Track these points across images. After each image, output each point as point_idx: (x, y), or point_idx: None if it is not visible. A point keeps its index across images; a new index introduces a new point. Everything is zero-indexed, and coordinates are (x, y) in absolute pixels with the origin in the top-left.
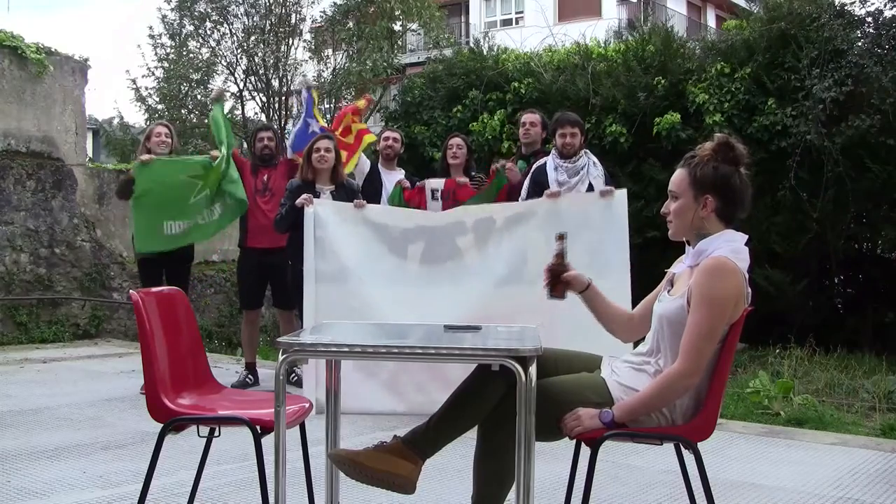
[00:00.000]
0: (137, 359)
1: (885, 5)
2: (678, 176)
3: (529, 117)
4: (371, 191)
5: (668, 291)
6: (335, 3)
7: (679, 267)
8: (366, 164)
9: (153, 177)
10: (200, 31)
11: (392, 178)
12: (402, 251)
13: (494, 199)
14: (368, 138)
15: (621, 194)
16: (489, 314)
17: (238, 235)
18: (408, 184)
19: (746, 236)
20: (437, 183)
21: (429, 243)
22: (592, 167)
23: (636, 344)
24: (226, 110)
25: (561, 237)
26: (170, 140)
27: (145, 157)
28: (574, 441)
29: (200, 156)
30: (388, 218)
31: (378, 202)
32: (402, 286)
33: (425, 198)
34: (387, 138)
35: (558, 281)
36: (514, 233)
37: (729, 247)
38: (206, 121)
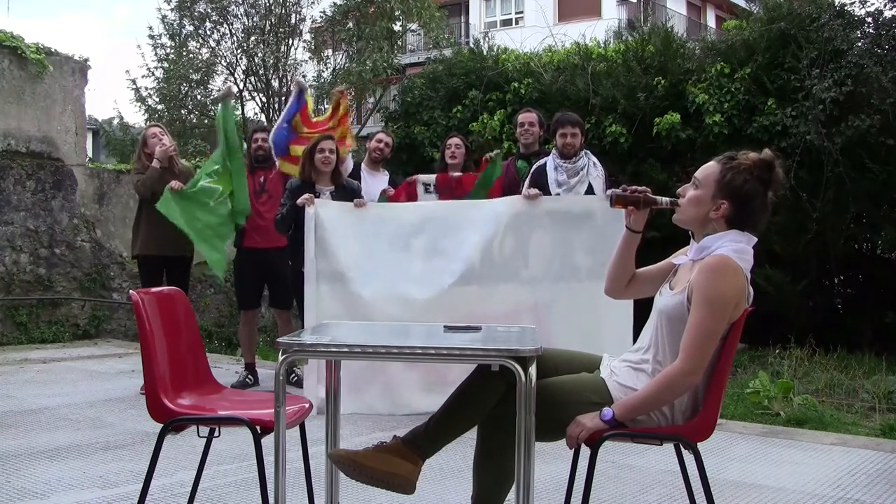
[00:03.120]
0: (137, 359)
1: (885, 5)
2: (709, 168)
3: (527, 117)
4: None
5: (670, 285)
6: (335, 4)
7: (681, 259)
8: (349, 164)
9: (185, 205)
10: (200, 31)
11: (376, 179)
12: (406, 247)
13: (489, 189)
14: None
15: None
16: (488, 316)
17: (235, 236)
18: (392, 191)
19: (755, 239)
20: (428, 178)
21: (433, 236)
22: (592, 167)
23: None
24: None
25: (676, 203)
26: (165, 139)
27: (175, 184)
28: None
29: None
30: (391, 214)
31: None
32: (404, 285)
33: (415, 192)
34: (380, 140)
35: (633, 203)
36: (518, 231)
37: (733, 246)
38: (206, 121)
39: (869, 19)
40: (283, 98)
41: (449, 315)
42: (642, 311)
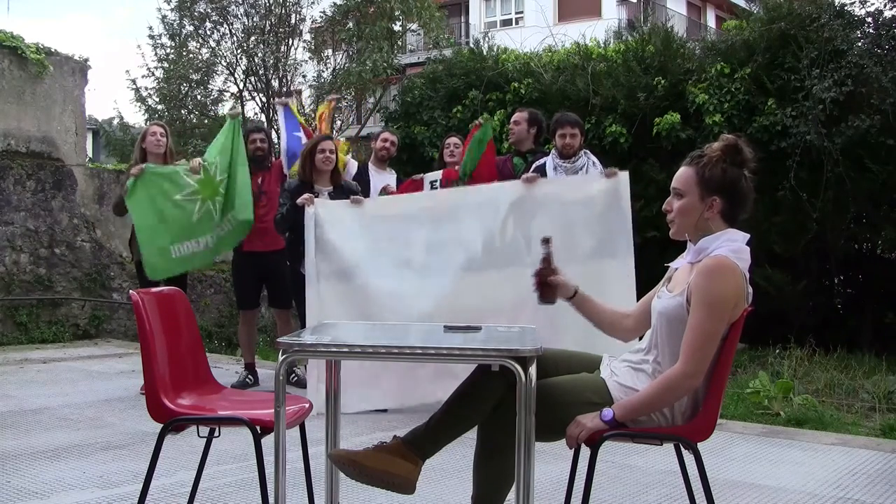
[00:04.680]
0: (137, 359)
1: (885, 5)
2: (684, 174)
3: (517, 115)
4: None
5: (667, 287)
6: (335, 4)
7: (679, 262)
8: (353, 164)
9: (148, 193)
10: (200, 31)
11: (382, 178)
12: (406, 241)
13: (482, 155)
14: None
15: (624, 176)
16: (494, 303)
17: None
18: (393, 188)
19: (748, 236)
20: (434, 175)
21: (432, 226)
22: (592, 167)
23: (641, 336)
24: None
25: (546, 241)
26: (165, 139)
27: (135, 169)
28: None
29: (181, 166)
30: (390, 208)
31: None
32: (406, 281)
33: (422, 189)
34: (385, 139)
35: (547, 285)
36: (518, 217)
37: (730, 246)
38: (206, 121)
39: (869, 19)
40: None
41: (452, 306)
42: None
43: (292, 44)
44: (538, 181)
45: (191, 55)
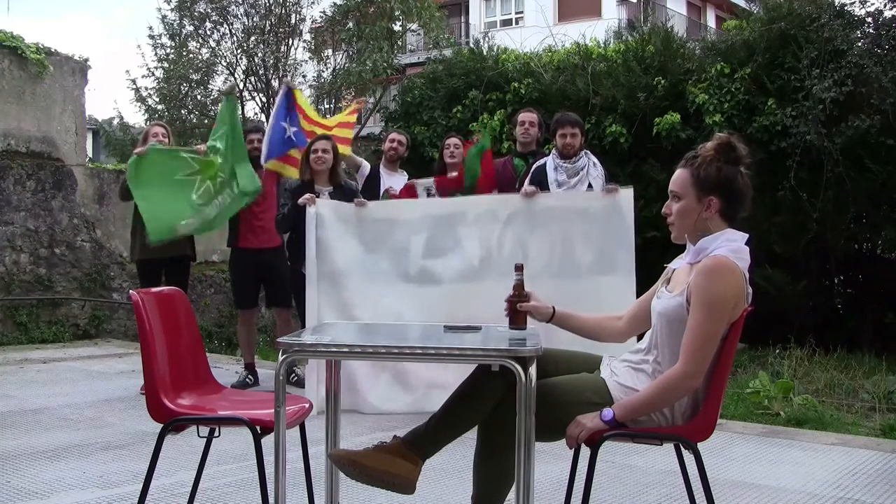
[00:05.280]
0: (137, 359)
1: (885, 5)
2: (680, 176)
3: (528, 116)
4: (369, 194)
5: (667, 288)
6: (335, 4)
7: (678, 263)
8: (366, 166)
9: (151, 171)
10: (200, 31)
11: (394, 180)
12: (405, 246)
13: (480, 165)
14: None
15: (628, 193)
16: (491, 311)
17: (229, 235)
18: (395, 191)
19: (748, 235)
20: (427, 182)
21: (432, 234)
22: (592, 167)
23: (639, 337)
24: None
25: (519, 268)
26: (167, 140)
27: (140, 149)
28: None
29: (187, 148)
30: (390, 212)
31: None
32: (405, 284)
33: (416, 197)
34: (392, 140)
35: (517, 312)
36: (516, 229)
37: (729, 246)
38: (206, 121)
39: (869, 19)
40: None
41: (449, 314)
42: None
43: (292, 44)
44: (538, 195)
45: (191, 55)
